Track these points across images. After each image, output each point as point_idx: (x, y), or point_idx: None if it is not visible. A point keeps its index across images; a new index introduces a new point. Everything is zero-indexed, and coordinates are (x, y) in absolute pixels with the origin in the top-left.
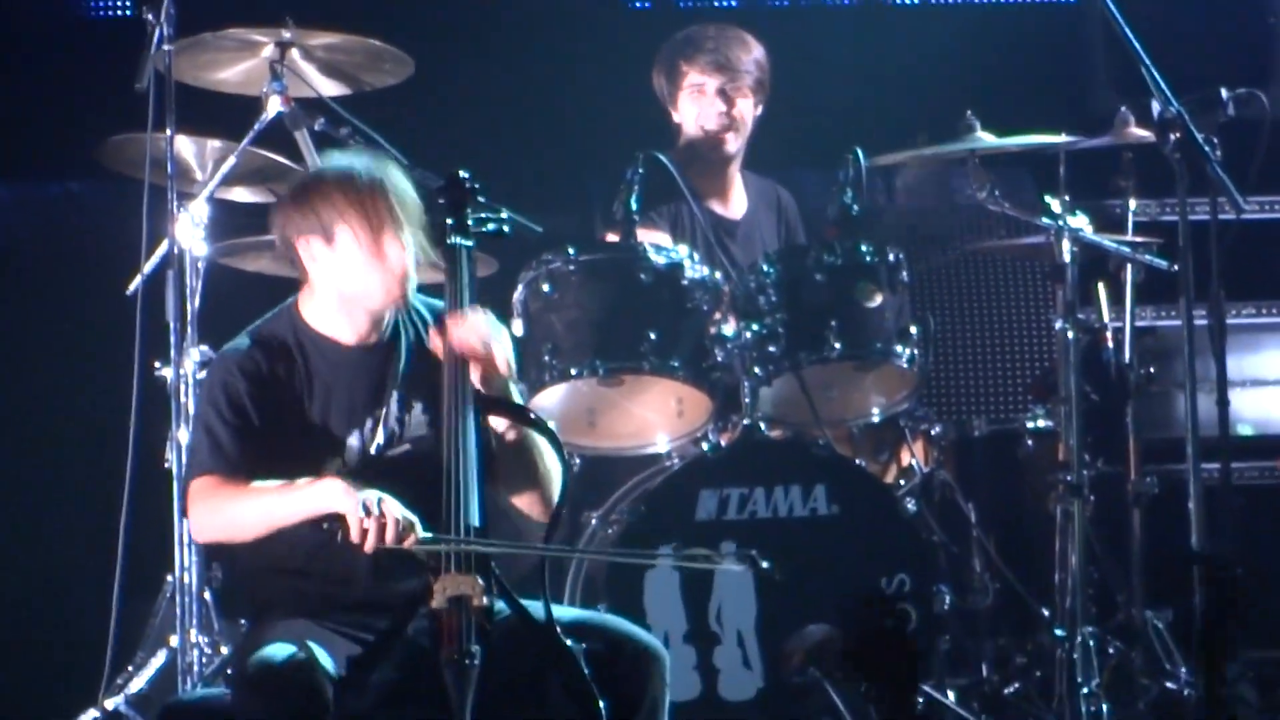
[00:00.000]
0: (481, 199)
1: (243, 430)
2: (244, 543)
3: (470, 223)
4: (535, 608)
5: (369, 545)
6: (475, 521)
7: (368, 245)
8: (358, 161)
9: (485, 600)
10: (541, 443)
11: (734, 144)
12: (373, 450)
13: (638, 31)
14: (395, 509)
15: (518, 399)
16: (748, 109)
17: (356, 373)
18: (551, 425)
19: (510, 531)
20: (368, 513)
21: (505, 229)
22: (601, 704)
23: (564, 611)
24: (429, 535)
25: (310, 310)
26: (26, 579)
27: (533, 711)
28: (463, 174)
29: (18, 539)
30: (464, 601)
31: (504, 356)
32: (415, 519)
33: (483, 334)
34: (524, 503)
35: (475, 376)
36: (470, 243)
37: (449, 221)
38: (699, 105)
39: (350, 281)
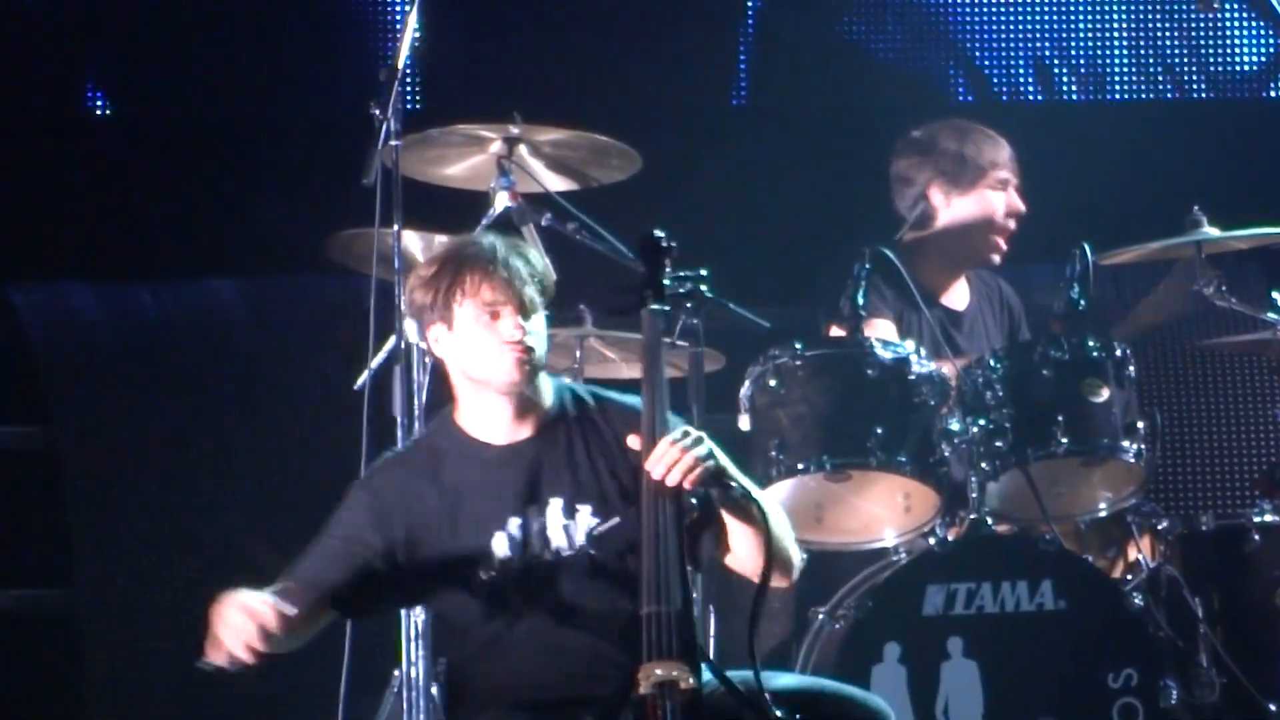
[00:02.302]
0: (676, 259)
1: (328, 552)
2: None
3: (666, 284)
4: (745, 678)
5: (226, 656)
6: (678, 605)
7: (486, 321)
8: (486, 239)
9: (692, 682)
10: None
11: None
12: (531, 554)
13: (862, 127)
14: (245, 604)
15: (729, 479)
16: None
17: (504, 474)
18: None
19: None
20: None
21: (702, 287)
22: None
23: (780, 679)
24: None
25: (461, 412)
26: (258, 676)
27: None
28: (657, 233)
29: None
30: (670, 686)
31: (705, 470)
32: (266, 616)
33: (683, 464)
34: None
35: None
36: (666, 307)
37: (645, 288)
38: (999, 200)
39: (471, 363)
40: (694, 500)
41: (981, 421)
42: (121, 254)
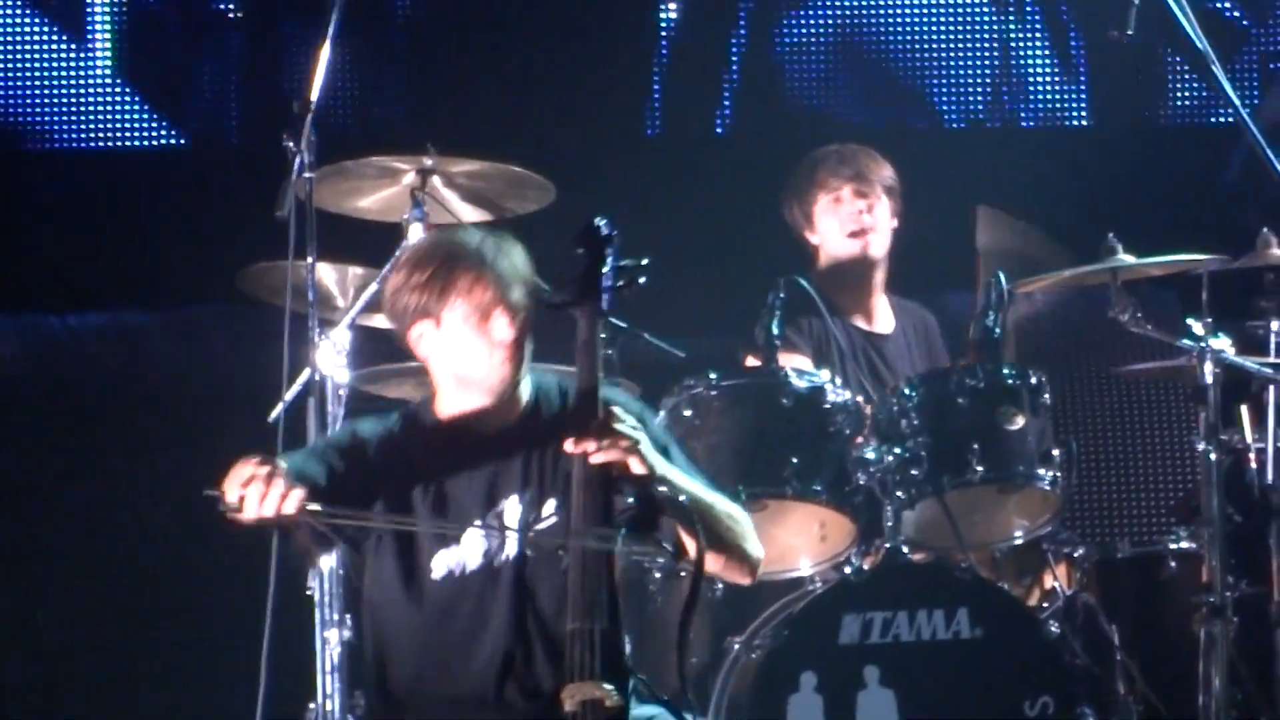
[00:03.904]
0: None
1: (329, 454)
2: (376, 657)
3: (609, 278)
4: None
5: (248, 513)
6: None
7: (476, 322)
8: (476, 235)
9: (617, 700)
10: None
11: (877, 247)
12: (492, 551)
13: (775, 157)
14: (282, 475)
15: (671, 480)
16: (884, 214)
17: (479, 466)
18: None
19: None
20: (245, 479)
21: (643, 279)
22: None
23: None
24: (318, 507)
25: (440, 401)
26: (172, 709)
27: None
28: (598, 221)
29: (162, 670)
30: (595, 704)
31: (643, 458)
32: (302, 491)
33: (617, 447)
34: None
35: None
36: (611, 301)
37: (584, 278)
38: (838, 214)
39: (461, 362)
40: (630, 500)
41: (897, 450)
42: (35, 284)
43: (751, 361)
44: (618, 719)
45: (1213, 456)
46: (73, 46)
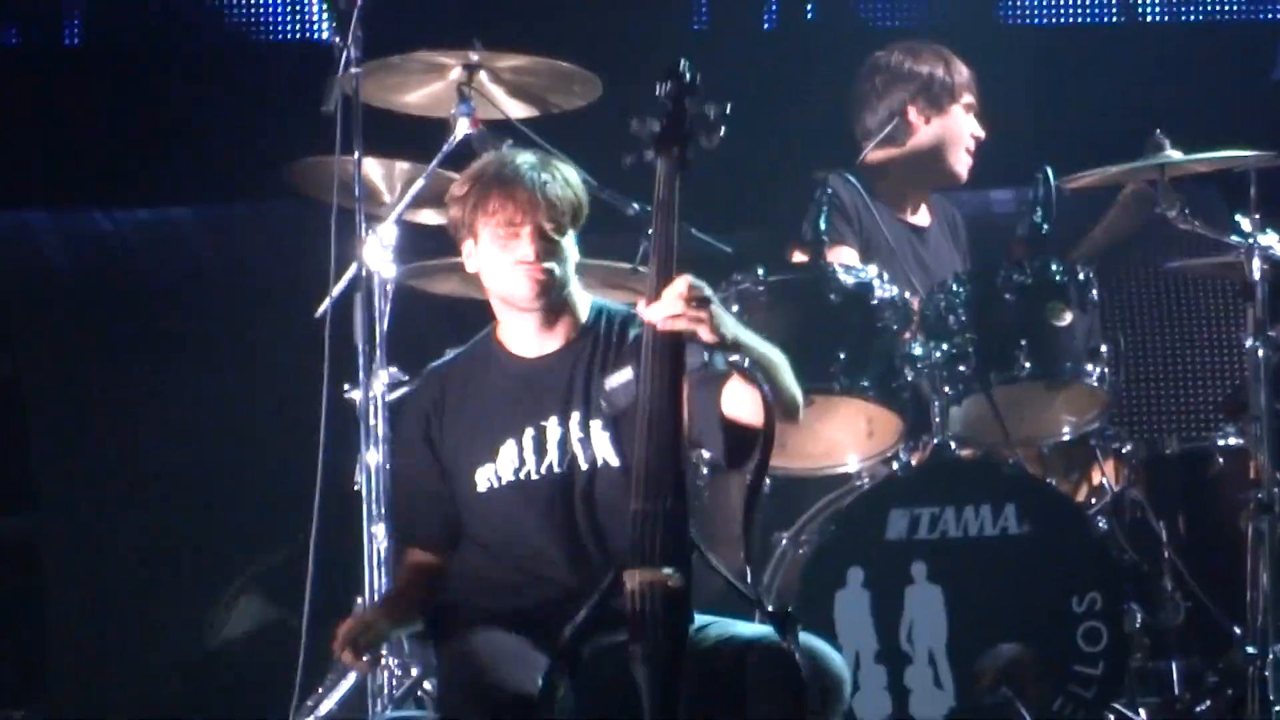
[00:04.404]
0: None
1: (417, 493)
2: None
3: (690, 125)
4: (729, 624)
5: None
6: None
7: (502, 240)
8: (520, 158)
9: (679, 581)
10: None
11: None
12: (535, 467)
13: (818, 50)
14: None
15: (744, 344)
16: None
17: (526, 386)
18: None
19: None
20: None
21: (723, 130)
22: None
23: (753, 630)
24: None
25: (499, 326)
26: (220, 602)
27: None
28: (682, 64)
29: (214, 564)
30: (656, 585)
31: (712, 323)
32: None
33: (687, 309)
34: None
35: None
36: (691, 151)
37: (665, 128)
38: (970, 124)
39: (493, 280)
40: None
41: (944, 346)
42: (81, 182)
43: (799, 257)
44: (680, 600)
45: (1260, 353)
46: None
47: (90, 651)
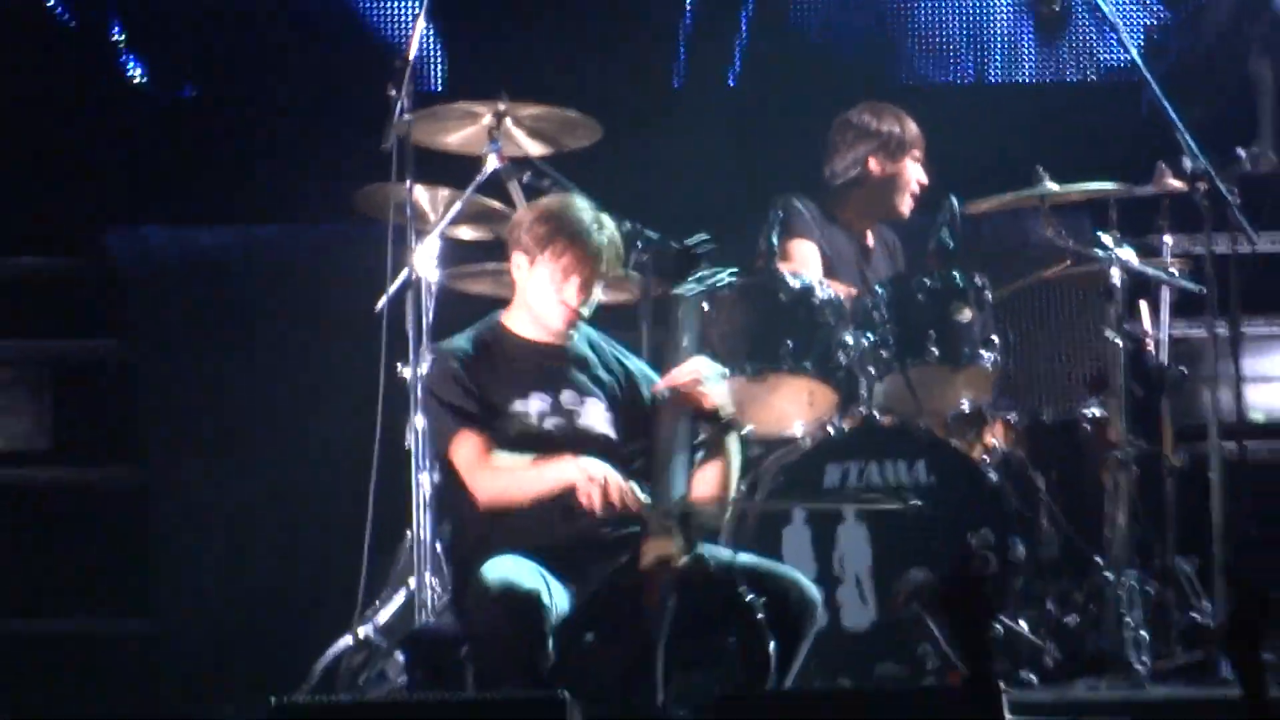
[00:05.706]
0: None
1: (468, 405)
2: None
3: (696, 279)
4: (720, 554)
5: (597, 509)
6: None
7: (557, 282)
8: (587, 213)
9: (686, 560)
10: (732, 449)
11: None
12: (541, 423)
13: (777, 104)
14: (616, 477)
15: (724, 414)
16: None
17: (536, 361)
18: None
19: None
20: (591, 480)
21: (729, 278)
22: (771, 646)
23: (742, 558)
24: (648, 502)
25: (511, 318)
26: (296, 536)
27: (715, 645)
28: (692, 240)
29: (291, 506)
30: (667, 561)
31: (713, 393)
32: (634, 486)
33: (697, 376)
34: (705, 489)
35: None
36: (696, 289)
37: (683, 279)
38: (916, 172)
39: (534, 299)
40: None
41: (870, 336)
42: (187, 203)
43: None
44: (689, 576)
45: (1119, 343)
46: None
47: (189, 576)
